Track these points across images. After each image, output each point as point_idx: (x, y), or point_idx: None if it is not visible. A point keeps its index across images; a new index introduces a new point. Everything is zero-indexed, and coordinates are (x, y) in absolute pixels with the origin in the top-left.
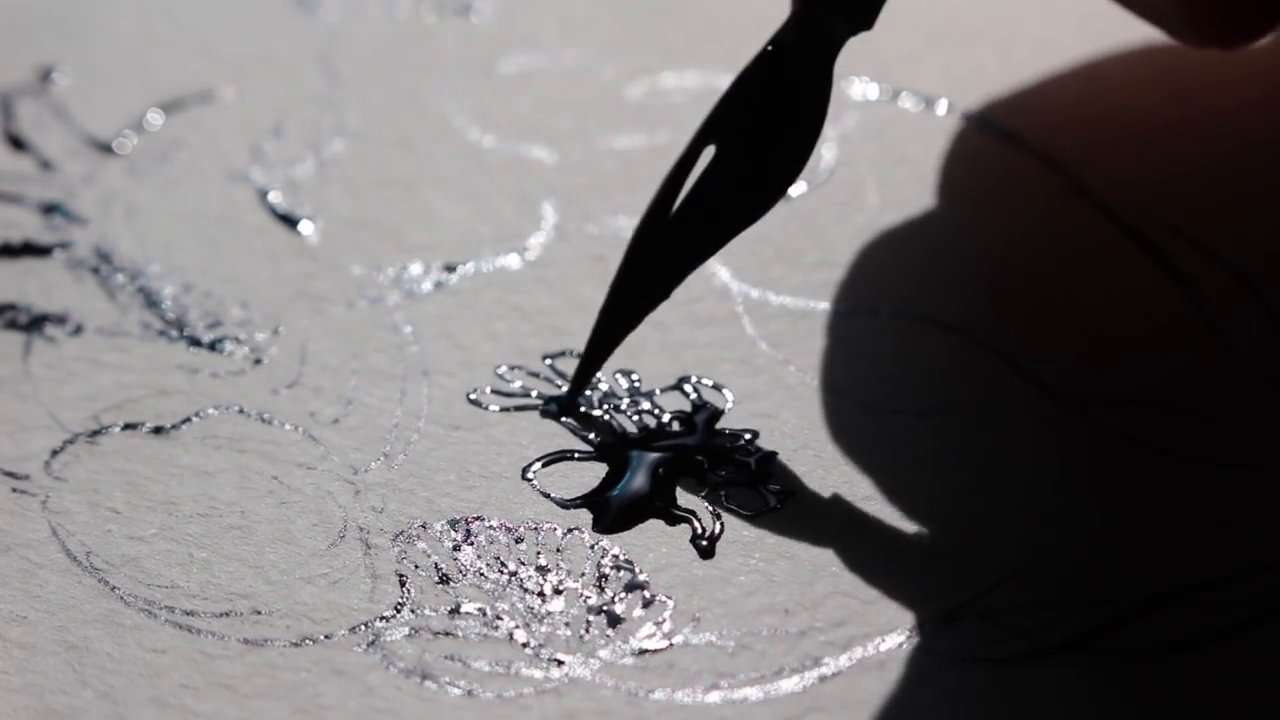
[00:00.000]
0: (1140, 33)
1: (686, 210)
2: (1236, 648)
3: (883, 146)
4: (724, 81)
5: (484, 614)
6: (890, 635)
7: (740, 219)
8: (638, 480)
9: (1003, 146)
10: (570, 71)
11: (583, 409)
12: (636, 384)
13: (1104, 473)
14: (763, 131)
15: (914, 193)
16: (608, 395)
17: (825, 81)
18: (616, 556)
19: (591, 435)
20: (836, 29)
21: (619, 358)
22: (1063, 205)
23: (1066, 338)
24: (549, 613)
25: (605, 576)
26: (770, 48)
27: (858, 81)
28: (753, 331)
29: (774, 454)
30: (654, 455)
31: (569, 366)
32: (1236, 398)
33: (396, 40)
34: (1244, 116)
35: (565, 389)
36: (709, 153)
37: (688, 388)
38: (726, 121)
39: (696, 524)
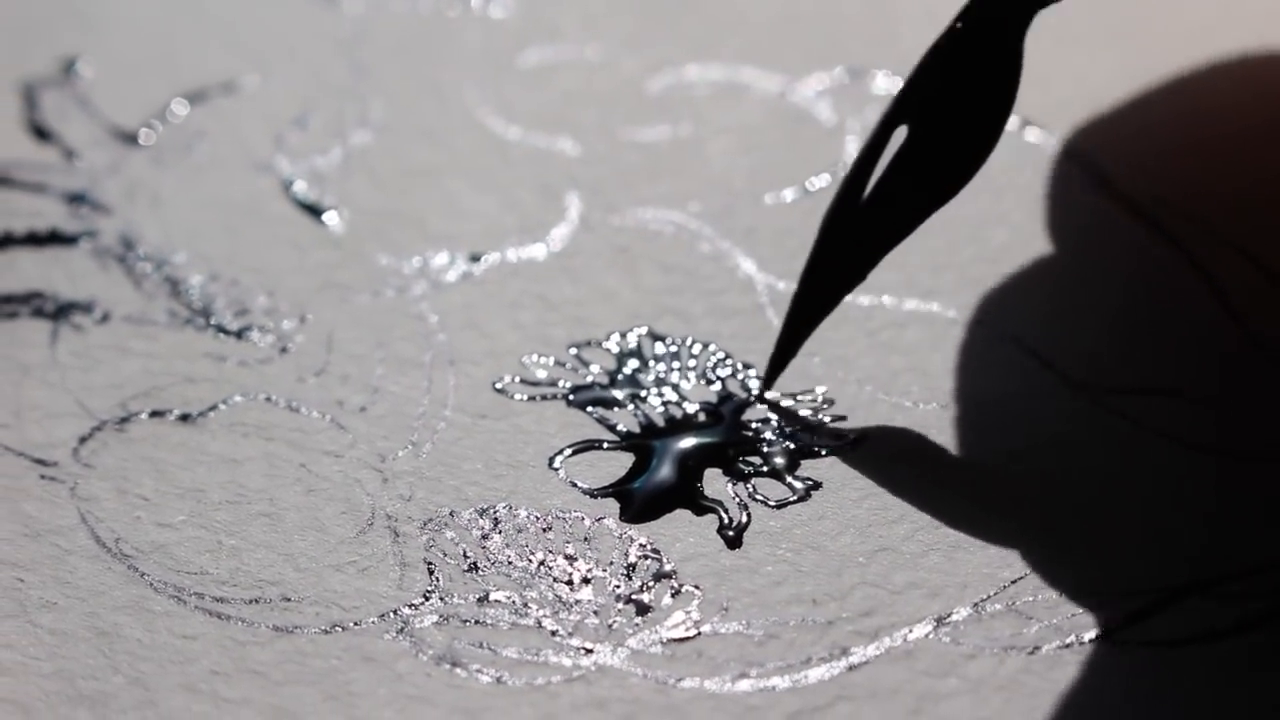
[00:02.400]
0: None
1: (880, 192)
2: (1262, 638)
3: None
4: (746, 74)
5: (513, 602)
6: (917, 625)
7: (933, 200)
8: (664, 470)
9: (1025, 139)
10: (593, 64)
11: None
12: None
13: (1129, 464)
14: (954, 111)
15: None
16: (637, 383)
17: (1016, 57)
18: (644, 546)
19: (618, 425)
20: (1023, 2)
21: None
22: (1084, 197)
23: (1090, 329)
24: (577, 601)
25: (633, 566)
26: (959, 24)
27: (880, 75)
28: (778, 323)
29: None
30: (681, 445)
31: (594, 356)
32: (1261, 391)
33: (420, 32)
34: (1252, 109)
35: (762, 383)
36: (900, 134)
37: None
38: (916, 101)
39: (723, 514)
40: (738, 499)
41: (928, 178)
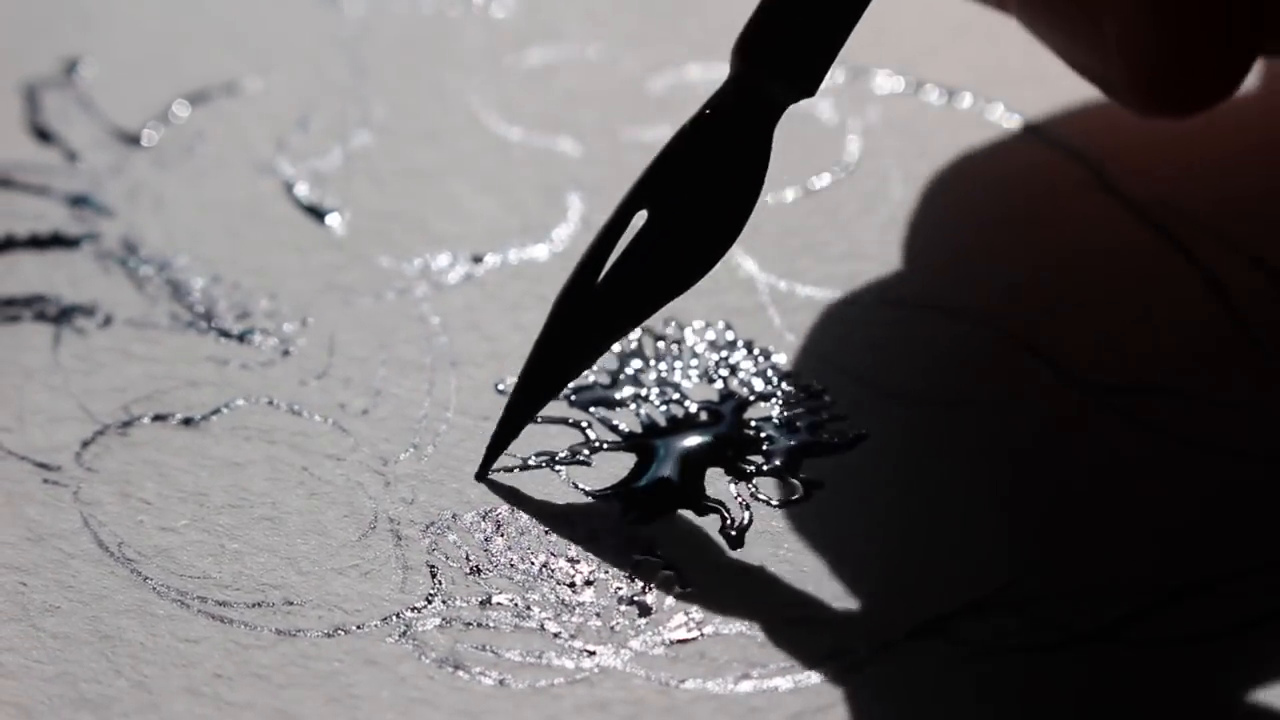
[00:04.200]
0: None
1: (615, 276)
2: (1262, 638)
3: (907, 139)
4: None
5: (515, 604)
6: (918, 625)
7: (671, 287)
8: (666, 470)
9: (1027, 139)
10: (594, 64)
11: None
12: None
13: (1130, 463)
14: (697, 198)
15: (937, 185)
16: (641, 383)
17: (764, 148)
18: (646, 547)
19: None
20: (777, 95)
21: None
22: (1086, 197)
23: (1092, 329)
24: (580, 603)
25: (635, 567)
26: (707, 111)
27: (881, 74)
28: (779, 323)
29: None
30: (682, 445)
31: None
32: (1262, 389)
33: (421, 33)
34: (1253, 108)
35: (480, 466)
36: (639, 218)
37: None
38: (659, 186)
39: (725, 514)
40: (739, 499)
41: (665, 264)
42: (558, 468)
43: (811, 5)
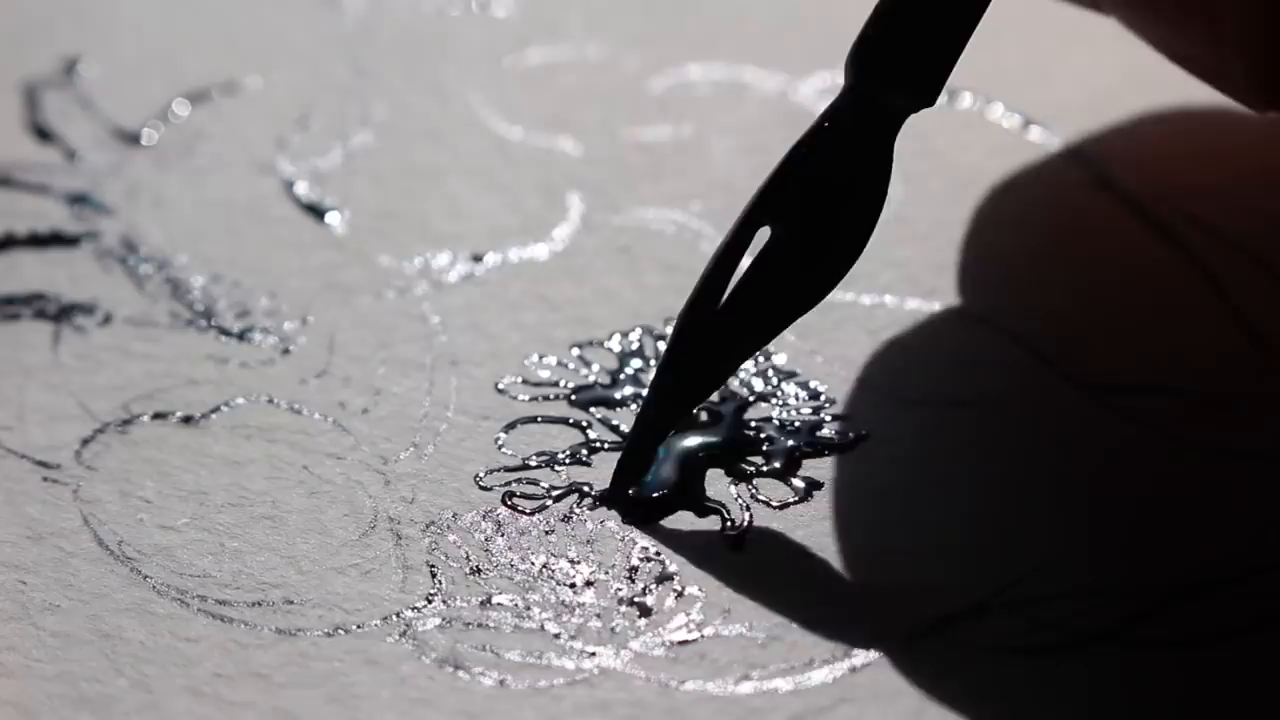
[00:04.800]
0: None
1: (742, 296)
2: (1263, 639)
3: (907, 139)
4: (748, 74)
5: (515, 605)
6: (920, 626)
7: (796, 306)
8: (666, 471)
9: (1026, 139)
10: (595, 64)
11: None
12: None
13: (1131, 463)
14: (821, 214)
15: (938, 184)
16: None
17: (886, 161)
18: (646, 548)
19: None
20: (896, 105)
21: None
22: (1085, 196)
23: (1092, 328)
24: (581, 604)
25: (636, 568)
26: (825, 124)
27: None
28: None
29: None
30: (682, 446)
31: (596, 356)
32: (1263, 389)
33: (422, 32)
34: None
35: (609, 484)
36: (760, 235)
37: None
38: (780, 201)
39: (725, 515)
40: (740, 500)
41: (792, 282)
42: (558, 468)
43: (928, 12)
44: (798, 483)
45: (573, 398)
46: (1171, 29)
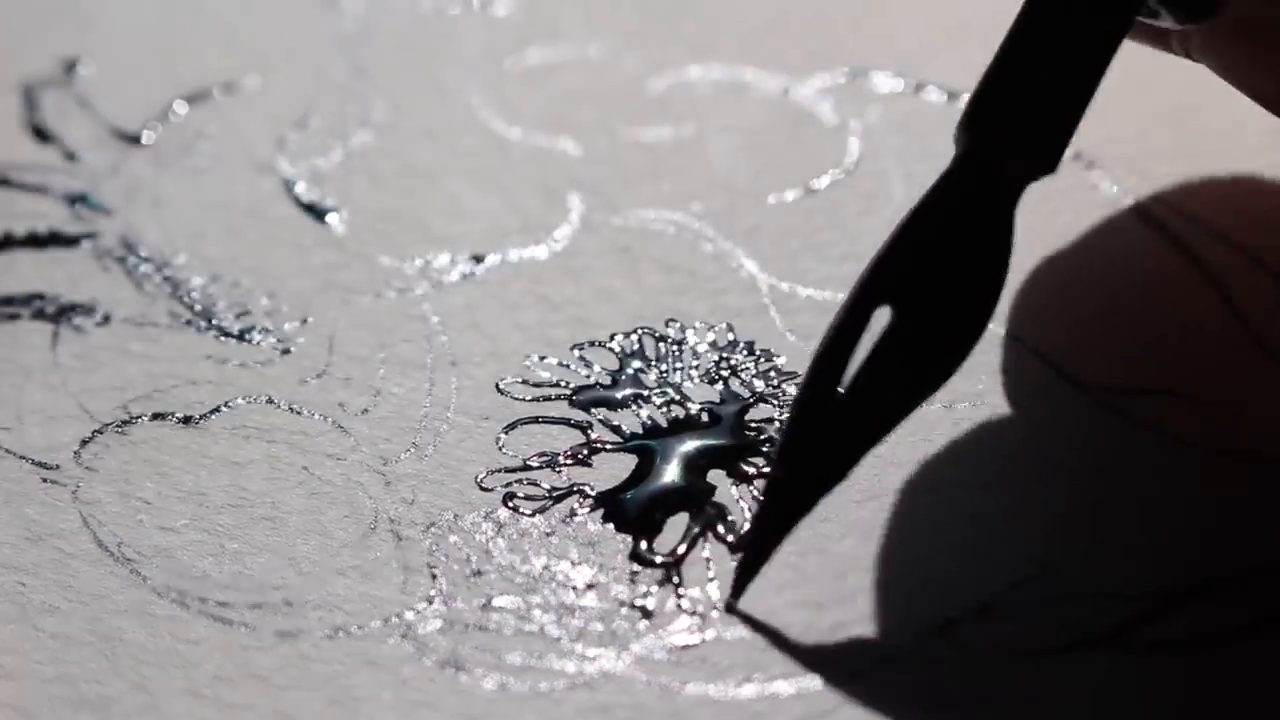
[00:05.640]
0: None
1: (867, 381)
2: (1263, 641)
3: (907, 139)
4: (748, 74)
5: (516, 607)
6: (923, 629)
7: (925, 387)
8: (666, 473)
9: None
10: (594, 64)
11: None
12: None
13: (1136, 466)
14: (944, 290)
15: None
16: (640, 385)
17: (1007, 230)
18: (648, 551)
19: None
20: (1017, 173)
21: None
22: (1086, 198)
23: (1093, 330)
24: (582, 607)
25: (636, 571)
26: (940, 194)
27: (881, 75)
28: (781, 324)
29: None
30: (682, 447)
31: (596, 356)
32: (1263, 391)
33: (421, 32)
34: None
35: (730, 592)
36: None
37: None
38: (898, 279)
39: (727, 517)
40: (741, 501)
41: (917, 364)
42: (558, 468)
43: (1046, 74)
44: None
45: (573, 398)
46: (1262, 73)
